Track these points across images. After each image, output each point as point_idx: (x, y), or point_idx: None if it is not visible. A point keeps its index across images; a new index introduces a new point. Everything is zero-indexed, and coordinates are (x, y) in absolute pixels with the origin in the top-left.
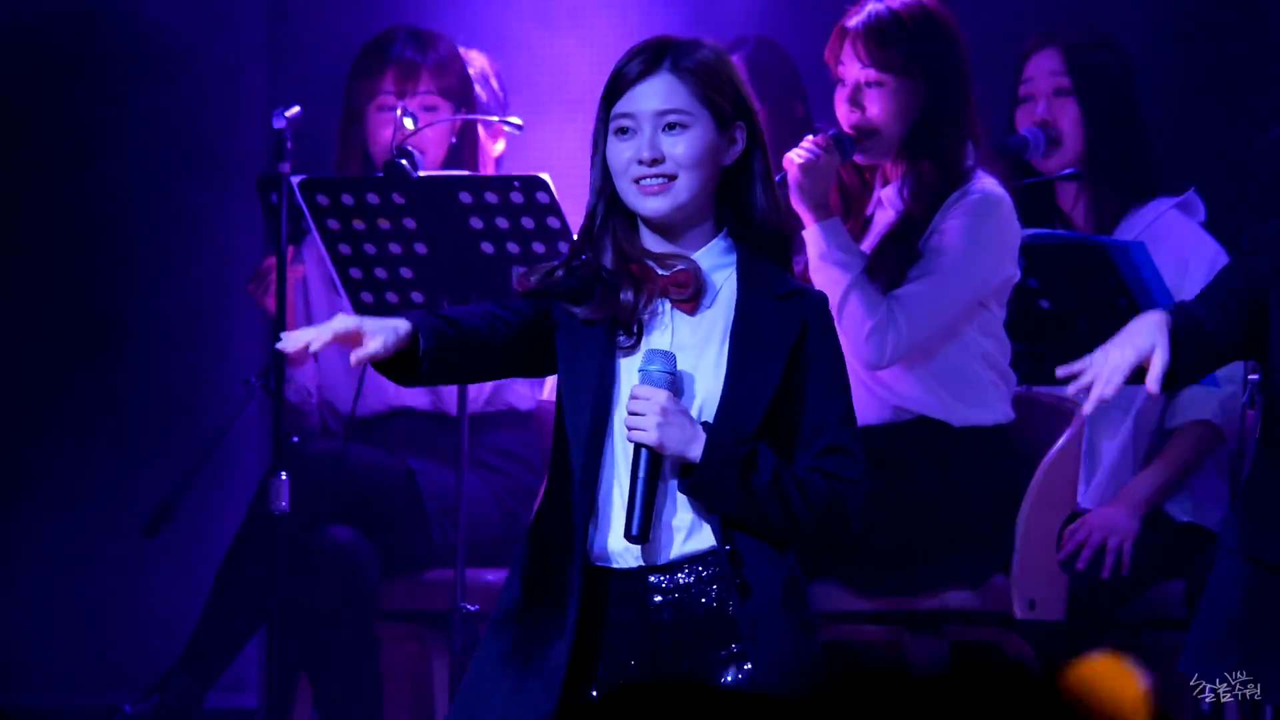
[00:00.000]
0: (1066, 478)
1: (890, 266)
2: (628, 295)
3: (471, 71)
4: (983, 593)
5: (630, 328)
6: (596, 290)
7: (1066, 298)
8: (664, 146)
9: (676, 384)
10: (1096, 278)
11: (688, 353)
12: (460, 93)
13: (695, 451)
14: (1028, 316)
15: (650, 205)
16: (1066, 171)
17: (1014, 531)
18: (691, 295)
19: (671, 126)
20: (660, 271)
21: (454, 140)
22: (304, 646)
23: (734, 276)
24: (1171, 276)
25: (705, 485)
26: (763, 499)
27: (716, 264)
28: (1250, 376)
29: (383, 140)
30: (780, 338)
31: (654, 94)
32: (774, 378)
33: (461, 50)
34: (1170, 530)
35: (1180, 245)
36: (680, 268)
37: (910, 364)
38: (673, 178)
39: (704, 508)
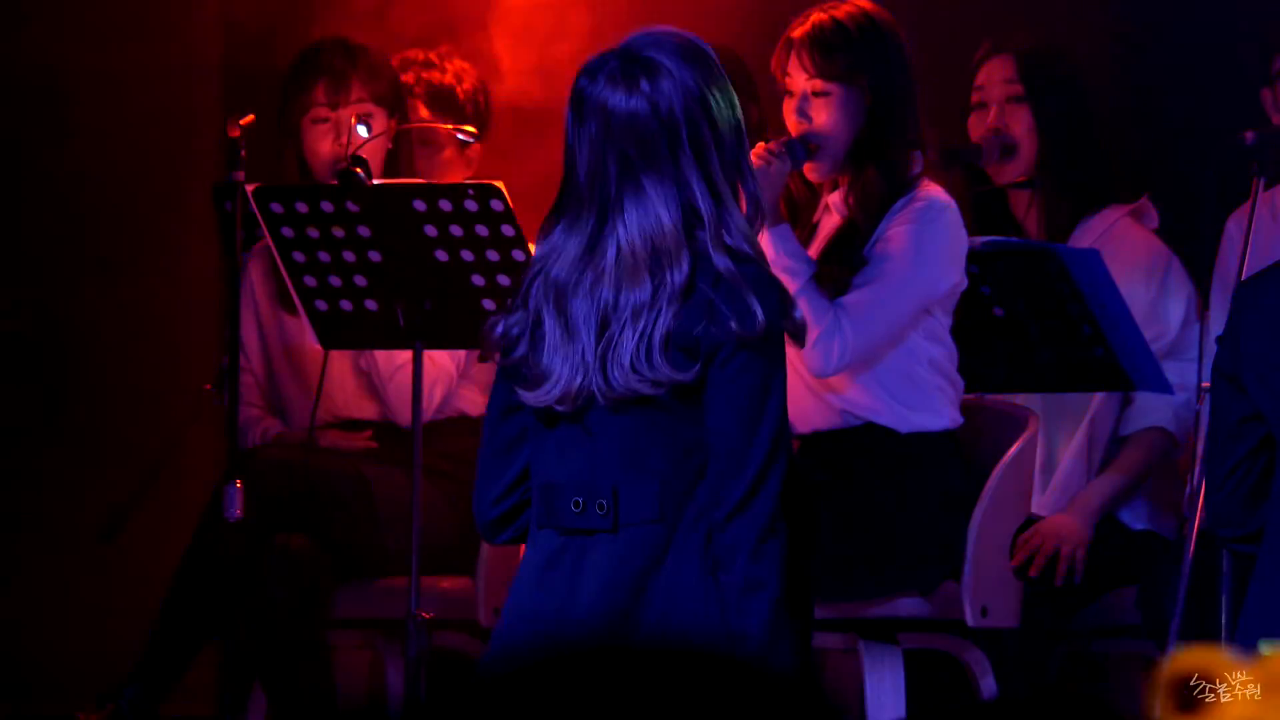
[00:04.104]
0: (1020, 485)
1: (835, 274)
2: None
3: (465, 86)
4: (934, 600)
5: None
6: None
7: (1019, 305)
8: None
9: None
10: (1050, 285)
11: None
12: (392, 98)
13: None
14: (981, 324)
15: None
16: (1020, 179)
17: (965, 538)
18: None
19: None
20: None
21: (390, 146)
22: (257, 654)
23: None
24: (1124, 284)
25: None
26: None
27: None
28: (1203, 385)
29: (320, 152)
30: None
31: None
32: None
33: (459, 63)
34: (1124, 538)
35: (1133, 252)
36: None
37: (856, 370)
38: None
39: None
